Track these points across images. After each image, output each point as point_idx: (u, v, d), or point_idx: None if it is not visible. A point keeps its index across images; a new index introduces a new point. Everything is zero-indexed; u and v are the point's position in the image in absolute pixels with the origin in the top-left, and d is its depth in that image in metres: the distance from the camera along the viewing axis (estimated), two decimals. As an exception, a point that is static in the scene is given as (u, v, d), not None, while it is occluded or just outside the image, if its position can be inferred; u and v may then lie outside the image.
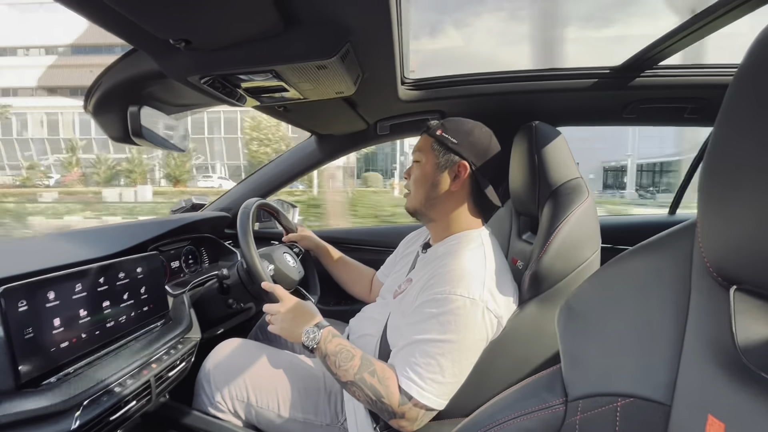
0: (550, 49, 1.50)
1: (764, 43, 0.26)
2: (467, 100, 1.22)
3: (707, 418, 0.30)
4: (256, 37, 0.66)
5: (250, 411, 0.88)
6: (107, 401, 0.68)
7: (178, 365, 0.87)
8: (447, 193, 0.85)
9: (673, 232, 0.39)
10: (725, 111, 0.29)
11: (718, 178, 0.30)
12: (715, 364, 0.31)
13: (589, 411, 0.37)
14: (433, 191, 0.86)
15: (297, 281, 1.10)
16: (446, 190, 0.85)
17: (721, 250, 0.30)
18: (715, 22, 0.78)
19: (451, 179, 0.85)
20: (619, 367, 0.37)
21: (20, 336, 0.61)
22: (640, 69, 1.09)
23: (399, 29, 0.76)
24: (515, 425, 0.42)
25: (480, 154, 0.84)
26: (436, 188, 0.85)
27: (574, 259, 0.78)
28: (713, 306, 0.33)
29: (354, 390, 0.73)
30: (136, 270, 0.85)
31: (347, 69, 0.77)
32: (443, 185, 0.85)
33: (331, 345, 0.76)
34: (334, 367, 0.74)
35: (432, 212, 0.88)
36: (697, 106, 1.17)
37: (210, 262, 1.29)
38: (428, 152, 0.87)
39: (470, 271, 0.74)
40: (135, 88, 0.87)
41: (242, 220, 0.97)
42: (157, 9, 0.54)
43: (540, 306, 0.78)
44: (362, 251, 1.56)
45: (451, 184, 0.84)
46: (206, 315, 1.06)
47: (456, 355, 0.70)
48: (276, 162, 1.53)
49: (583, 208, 0.80)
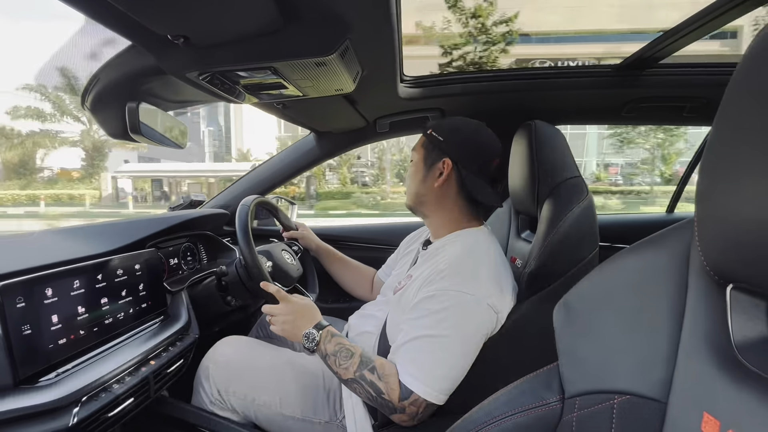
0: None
1: (763, 42, 0.26)
2: (466, 98, 1.22)
3: (703, 415, 0.30)
4: (255, 33, 0.66)
5: (249, 408, 0.88)
6: (105, 398, 0.68)
7: (176, 362, 0.87)
8: (433, 189, 0.89)
9: (670, 231, 0.39)
10: (723, 110, 0.29)
11: (716, 176, 0.30)
12: (711, 361, 0.31)
13: (586, 408, 0.38)
14: (421, 187, 0.90)
15: (295, 279, 1.10)
16: (432, 186, 0.88)
17: (718, 249, 0.31)
18: (714, 21, 0.79)
19: (436, 176, 0.88)
20: (616, 364, 0.37)
21: (18, 333, 0.61)
22: (640, 68, 1.09)
23: (398, 26, 0.76)
24: (512, 422, 0.42)
25: (466, 152, 0.86)
26: (423, 184, 0.90)
27: (573, 257, 0.79)
28: (710, 304, 0.33)
29: (355, 387, 0.74)
30: (135, 267, 0.85)
31: (346, 66, 0.77)
32: (430, 182, 0.89)
33: (330, 345, 0.76)
34: (335, 366, 0.75)
35: (423, 208, 0.92)
36: (695, 105, 1.17)
37: (208, 260, 1.29)
38: (419, 150, 0.92)
39: (470, 268, 0.74)
40: (133, 84, 0.87)
41: (241, 218, 0.96)
42: (155, 5, 0.54)
43: (538, 304, 0.78)
44: (363, 249, 1.56)
45: (436, 180, 0.88)
46: (205, 312, 1.06)
47: (456, 351, 0.71)
48: (275, 159, 1.53)
49: (582, 206, 0.80)
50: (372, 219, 11.69)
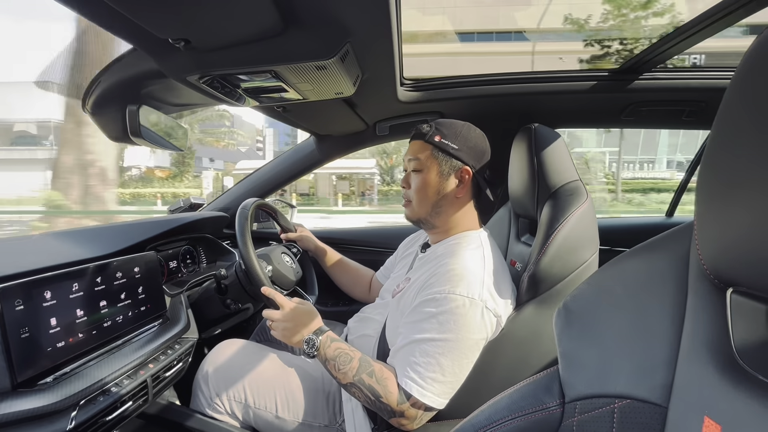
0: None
1: (762, 46, 0.26)
2: (466, 102, 1.22)
3: (704, 419, 0.30)
4: (256, 37, 0.66)
5: (248, 412, 0.87)
6: (104, 401, 0.68)
7: (175, 365, 0.87)
8: (452, 199, 0.85)
9: (670, 234, 0.39)
10: (722, 114, 0.29)
11: (716, 180, 0.30)
12: (711, 366, 0.31)
13: (587, 412, 0.37)
14: (439, 199, 0.85)
15: (295, 281, 1.10)
16: (452, 196, 0.85)
17: (718, 253, 0.31)
18: (713, 26, 0.79)
19: (455, 185, 0.85)
20: (617, 368, 0.37)
21: (16, 336, 0.61)
22: (639, 72, 1.09)
23: (398, 30, 0.76)
24: (512, 426, 0.42)
25: (478, 157, 0.85)
26: (441, 196, 0.85)
27: (573, 261, 0.78)
28: (710, 308, 0.33)
29: (354, 391, 0.73)
30: (134, 270, 0.85)
31: (347, 70, 0.77)
32: (449, 192, 0.85)
33: (330, 350, 0.76)
34: (335, 371, 0.75)
35: (437, 219, 0.87)
36: (694, 108, 1.18)
37: (208, 262, 1.29)
38: (430, 160, 0.85)
39: (469, 271, 0.74)
40: (134, 87, 0.87)
41: (240, 220, 0.96)
42: (156, 8, 0.54)
43: (538, 308, 0.78)
44: (361, 252, 1.56)
45: (456, 190, 0.85)
46: (204, 315, 1.06)
47: (455, 354, 0.70)
48: (275, 162, 1.53)
49: (581, 210, 0.80)
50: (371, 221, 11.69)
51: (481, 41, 17.48)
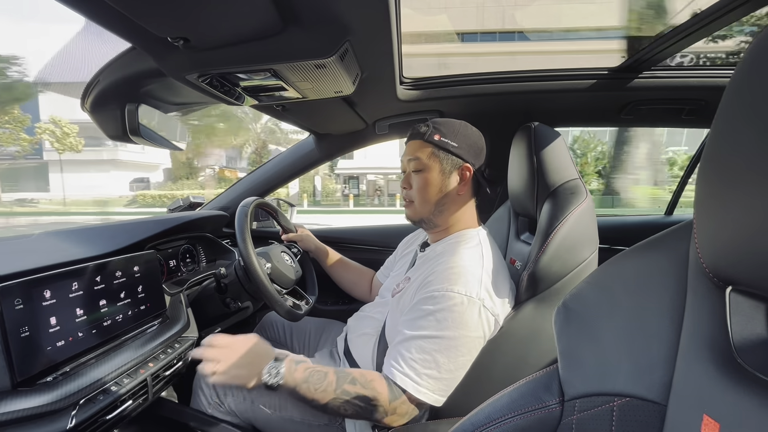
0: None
1: (762, 45, 0.26)
2: (466, 100, 1.22)
3: (702, 417, 0.30)
4: (255, 35, 0.66)
5: (248, 411, 0.88)
6: (103, 400, 0.68)
7: (175, 364, 0.87)
8: (454, 197, 0.85)
9: (669, 233, 0.39)
10: (722, 112, 0.29)
11: (715, 179, 0.30)
12: (710, 364, 0.31)
13: (586, 411, 0.38)
14: (441, 198, 0.85)
15: (294, 281, 1.10)
16: (453, 194, 0.85)
17: (717, 251, 0.31)
18: (712, 24, 0.79)
19: (456, 183, 0.85)
20: (616, 366, 0.37)
21: (16, 335, 0.61)
22: (638, 70, 1.09)
23: (398, 28, 0.76)
24: (512, 424, 0.42)
25: (476, 154, 0.85)
26: (444, 195, 0.85)
27: (572, 259, 0.79)
28: (709, 306, 0.33)
29: (339, 406, 0.69)
30: (133, 269, 0.85)
31: (346, 68, 0.77)
32: (451, 190, 0.85)
33: (298, 373, 0.69)
34: (310, 393, 0.68)
35: (439, 218, 0.87)
36: (694, 107, 1.18)
37: (207, 261, 1.29)
38: (431, 159, 0.85)
39: (468, 269, 0.74)
40: (133, 85, 0.87)
41: (240, 219, 0.96)
42: (155, 7, 0.54)
43: (538, 306, 0.78)
44: (361, 251, 1.56)
45: (457, 187, 0.85)
46: (204, 314, 1.06)
47: (452, 352, 0.70)
48: (274, 161, 1.53)
49: (581, 208, 0.80)
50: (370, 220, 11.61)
51: (484, 41, 17.53)
